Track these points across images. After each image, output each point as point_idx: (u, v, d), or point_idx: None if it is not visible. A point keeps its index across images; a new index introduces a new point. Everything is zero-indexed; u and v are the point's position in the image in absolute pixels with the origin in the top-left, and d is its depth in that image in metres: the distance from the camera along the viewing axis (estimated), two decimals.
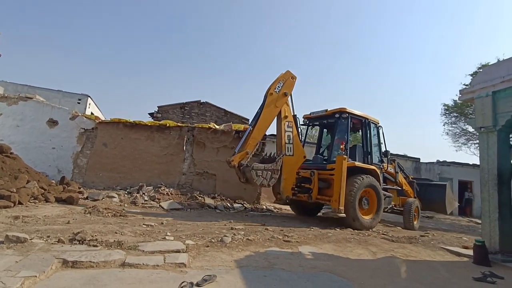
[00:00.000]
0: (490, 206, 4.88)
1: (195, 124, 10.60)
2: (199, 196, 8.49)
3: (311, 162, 7.81)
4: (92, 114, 12.20)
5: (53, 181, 7.58)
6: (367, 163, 7.32)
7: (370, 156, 7.49)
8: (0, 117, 9.18)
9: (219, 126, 10.24)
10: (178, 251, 3.40)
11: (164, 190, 8.49)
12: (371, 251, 4.53)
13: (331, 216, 6.49)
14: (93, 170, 9.15)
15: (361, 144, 7.74)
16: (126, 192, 8.28)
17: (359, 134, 8.21)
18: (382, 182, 7.60)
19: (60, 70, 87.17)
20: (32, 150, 9.05)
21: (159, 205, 7.35)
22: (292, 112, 7.41)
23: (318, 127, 9.13)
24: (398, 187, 8.57)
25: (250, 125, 7.29)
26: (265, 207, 9.16)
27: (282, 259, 3.60)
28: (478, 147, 5.30)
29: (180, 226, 5.02)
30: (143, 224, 4.91)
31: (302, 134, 8.05)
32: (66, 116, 9.55)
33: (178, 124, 10.16)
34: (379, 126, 8.14)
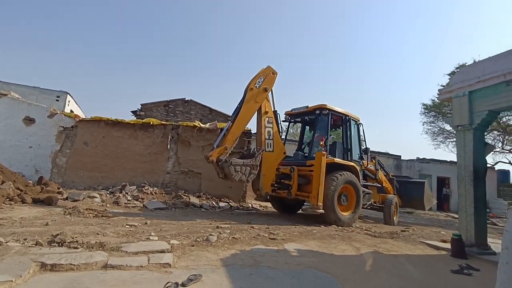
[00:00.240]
0: (466, 201, 5.10)
1: (180, 122, 10.45)
2: (184, 195, 8.39)
3: (292, 158, 7.81)
4: (71, 112, 11.77)
5: (30, 181, 7.30)
6: (347, 160, 7.39)
7: (350, 152, 7.56)
8: None
9: (204, 124, 10.15)
10: (162, 251, 3.34)
11: (148, 189, 8.33)
12: (355, 247, 4.63)
13: (310, 212, 6.52)
14: (73, 170, 8.85)
15: (341, 141, 7.84)
16: (108, 192, 8.07)
17: (340, 130, 8.31)
18: (361, 179, 7.71)
19: (37, 66, 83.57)
20: (7, 149, 8.66)
21: (143, 204, 7.21)
22: (272, 108, 7.34)
23: (300, 124, 9.18)
24: (378, 184, 8.72)
25: (229, 120, 7.20)
26: (251, 206, 9.16)
27: (268, 257, 3.61)
28: (456, 145, 5.50)
29: (164, 226, 4.94)
30: (126, 224, 4.80)
31: (283, 130, 8.05)
32: (44, 113, 9.18)
33: (162, 122, 10.00)
34: (360, 123, 8.24)
